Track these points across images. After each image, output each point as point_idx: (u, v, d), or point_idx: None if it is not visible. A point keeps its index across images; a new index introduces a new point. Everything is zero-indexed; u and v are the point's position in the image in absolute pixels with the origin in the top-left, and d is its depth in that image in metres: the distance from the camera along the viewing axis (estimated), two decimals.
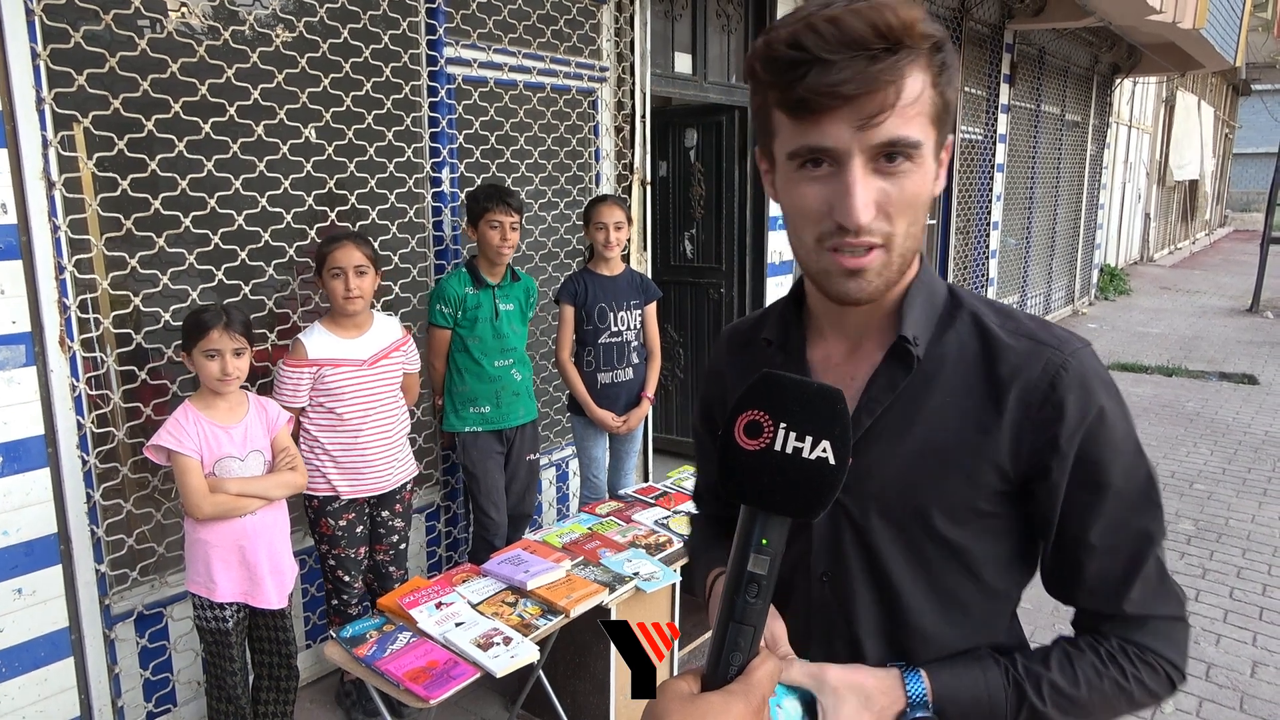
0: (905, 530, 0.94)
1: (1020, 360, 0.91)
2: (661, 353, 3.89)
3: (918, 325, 0.94)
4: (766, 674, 0.76)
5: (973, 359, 0.93)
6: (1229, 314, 11.75)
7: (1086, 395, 0.89)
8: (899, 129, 0.82)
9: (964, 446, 0.91)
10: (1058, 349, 0.91)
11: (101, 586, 2.59)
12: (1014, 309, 0.97)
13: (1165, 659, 0.93)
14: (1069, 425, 0.88)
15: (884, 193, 0.84)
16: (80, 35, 2.37)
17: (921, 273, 0.96)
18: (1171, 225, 20.27)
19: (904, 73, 0.81)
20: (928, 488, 0.92)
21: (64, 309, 2.43)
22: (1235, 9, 11.10)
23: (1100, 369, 0.92)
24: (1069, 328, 1.09)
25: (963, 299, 0.97)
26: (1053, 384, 0.89)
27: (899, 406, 0.94)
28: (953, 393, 0.92)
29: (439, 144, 3.42)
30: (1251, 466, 5.61)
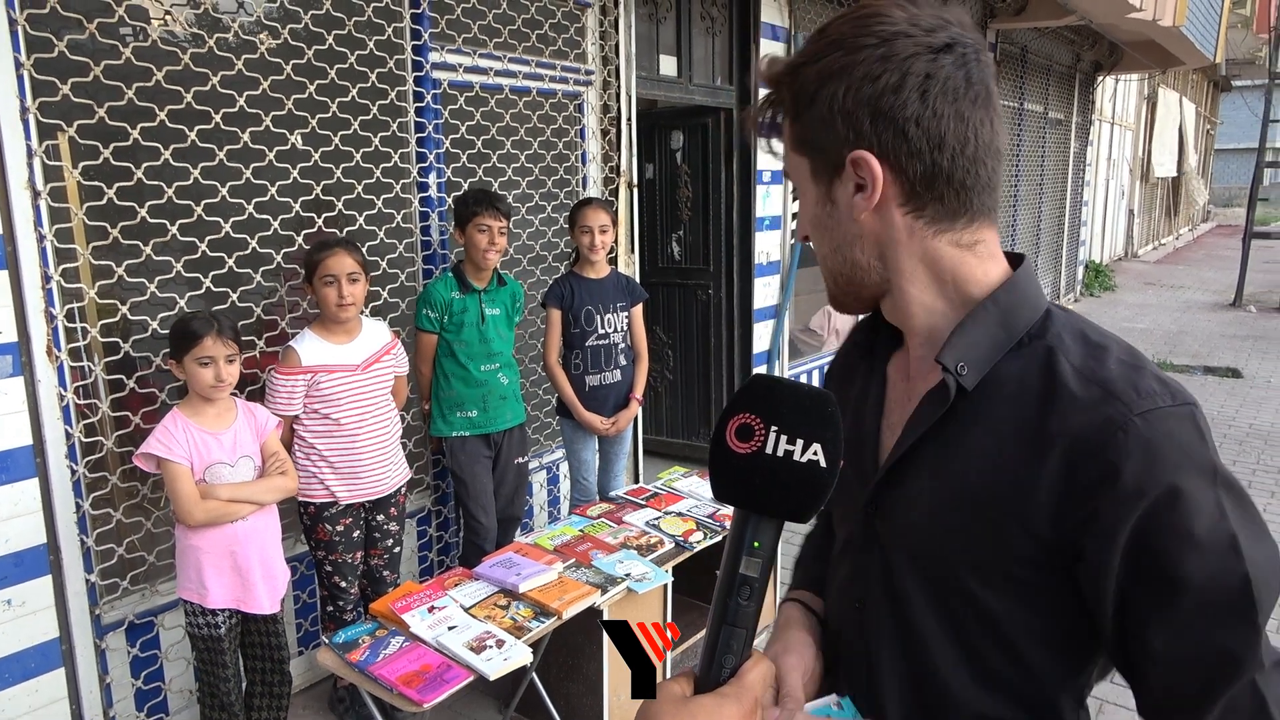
0: (931, 579, 0.86)
1: (1079, 411, 0.76)
2: (650, 354, 3.90)
3: (970, 351, 0.83)
4: (759, 676, 0.76)
5: (1030, 400, 0.80)
6: (1213, 308, 11.85)
7: (1152, 467, 0.72)
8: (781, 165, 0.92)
9: (997, 500, 0.79)
10: (1127, 404, 0.74)
11: (92, 596, 2.59)
12: (1115, 348, 0.81)
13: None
14: (1118, 500, 0.73)
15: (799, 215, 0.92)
16: (64, 44, 2.37)
17: (1000, 292, 0.84)
18: (1155, 221, 20.42)
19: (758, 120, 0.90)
20: (957, 539, 0.83)
21: (51, 318, 2.42)
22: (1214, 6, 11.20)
23: (1189, 438, 0.74)
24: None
25: (1051, 325, 0.84)
26: (1105, 445, 0.74)
27: (938, 440, 0.85)
28: (997, 435, 0.81)
29: (425, 149, 3.42)
30: (1236, 459, 5.66)
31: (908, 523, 0.88)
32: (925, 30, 0.80)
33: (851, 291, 0.90)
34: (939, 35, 0.80)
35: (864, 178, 0.83)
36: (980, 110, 0.82)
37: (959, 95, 0.80)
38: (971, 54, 0.81)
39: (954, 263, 0.85)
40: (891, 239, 0.85)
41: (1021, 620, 0.82)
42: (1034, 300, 0.86)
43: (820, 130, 0.84)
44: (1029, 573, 0.80)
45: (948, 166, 0.81)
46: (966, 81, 0.81)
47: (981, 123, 0.82)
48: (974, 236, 0.85)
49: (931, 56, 0.80)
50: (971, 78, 0.81)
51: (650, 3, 4.53)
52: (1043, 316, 0.85)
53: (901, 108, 0.80)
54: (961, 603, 0.84)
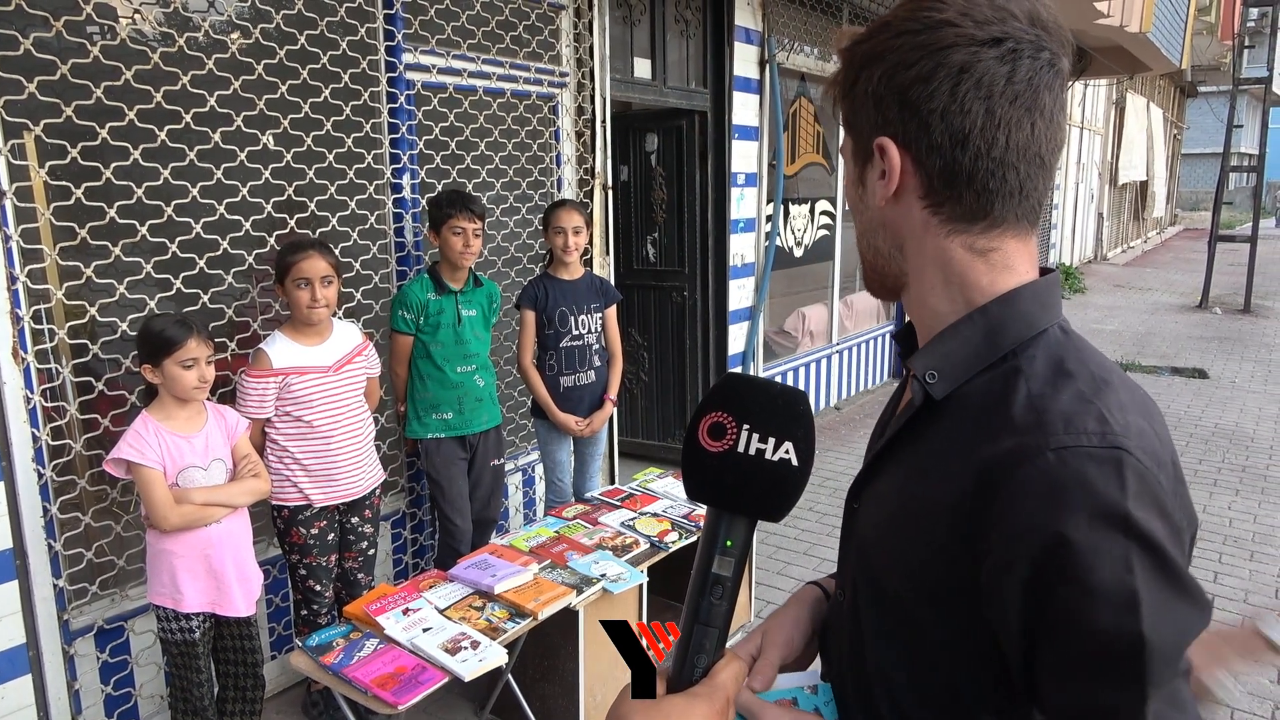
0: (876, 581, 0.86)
1: (1005, 437, 0.73)
2: (625, 356, 3.91)
3: (945, 361, 0.81)
4: (731, 676, 0.76)
5: (978, 419, 0.77)
6: (1180, 310, 12.03)
7: (1049, 507, 0.68)
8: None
9: (928, 512, 0.78)
10: (1046, 436, 0.71)
11: (60, 601, 2.55)
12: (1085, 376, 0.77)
13: None
14: (1009, 535, 0.70)
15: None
16: (30, 42, 2.34)
17: (995, 304, 0.81)
18: (1124, 224, 20.71)
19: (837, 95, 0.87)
20: (892, 540, 0.83)
21: (17, 320, 2.39)
22: (1180, 13, 11.38)
23: (1103, 484, 0.68)
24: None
25: (1033, 347, 0.80)
26: (1008, 476, 0.71)
27: (904, 446, 0.85)
28: (945, 449, 0.79)
29: (399, 150, 3.41)
30: (1202, 458, 5.76)
31: (866, 521, 0.88)
32: (976, 22, 0.76)
33: (875, 278, 0.89)
34: (990, 28, 0.76)
35: (885, 166, 0.81)
36: (1019, 110, 0.76)
37: (994, 92, 0.75)
38: (1026, 51, 0.76)
39: (962, 266, 0.81)
40: (909, 232, 0.83)
41: (943, 637, 0.79)
42: (1031, 318, 0.81)
43: (858, 112, 0.84)
44: (944, 591, 0.77)
45: (969, 166, 0.77)
46: (1008, 79, 0.76)
47: (1018, 123, 0.77)
48: (990, 243, 0.81)
49: (973, 49, 0.75)
50: (1015, 75, 0.76)
51: (625, 5, 4.54)
52: (1036, 335, 0.80)
53: (928, 99, 0.77)
54: (899, 609, 0.82)
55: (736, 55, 5.20)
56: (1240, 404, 7.10)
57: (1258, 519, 4.75)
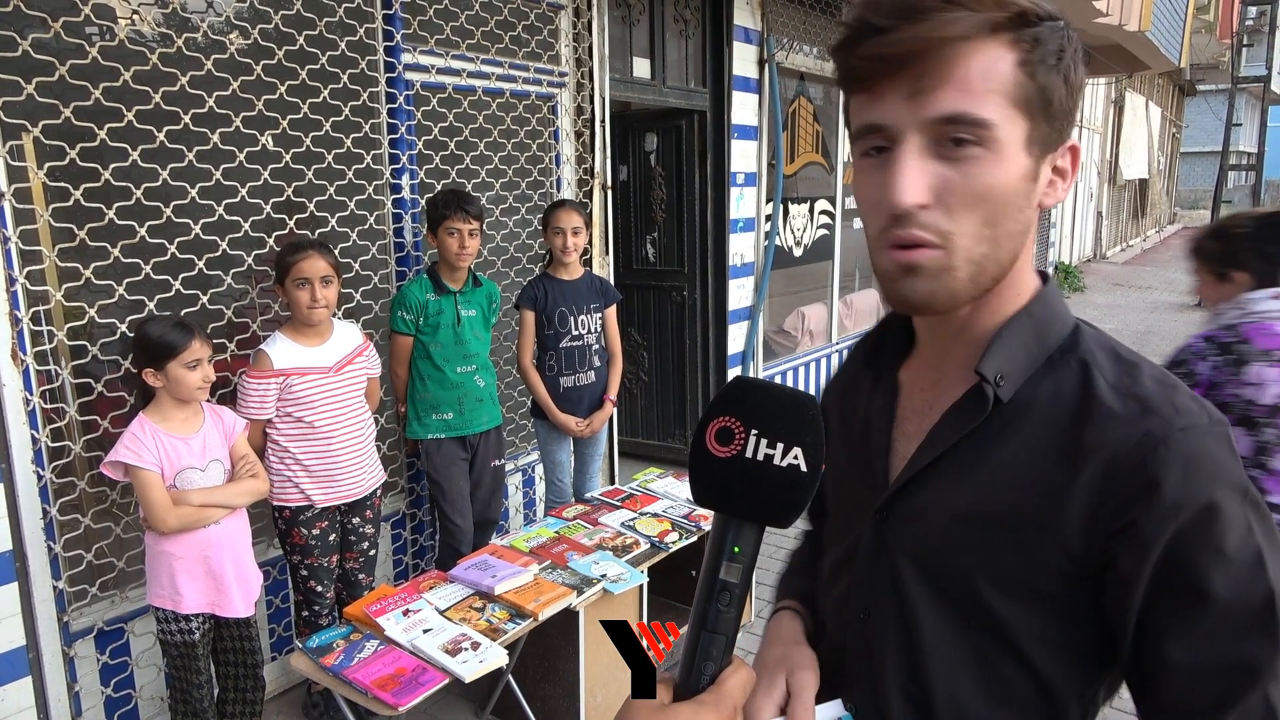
0: (944, 589, 0.84)
1: (1117, 426, 0.75)
2: (625, 356, 3.91)
3: (1008, 363, 0.81)
4: (738, 684, 0.74)
5: (1065, 414, 0.78)
6: (1179, 309, 12.04)
7: (1190, 482, 0.72)
8: (960, 103, 0.73)
9: (1027, 513, 0.78)
10: (1166, 419, 0.74)
11: (60, 603, 2.55)
12: (1146, 367, 0.80)
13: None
14: (1157, 512, 0.73)
15: (943, 179, 0.74)
16: (28, 43, 2.33)
17: (1034, 304, 0.83)
18: (1123, 223, 20.72)
19: (960, 34, 0.72)
20: (977, 550, 0.81)
21: (16, 321, 2.39)
22: (1179, 12, 11.39)
23: (1224, 456, 0.74)
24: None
25: (1082, 341, 0.82)
26: (1144, 460, 0.73)
27: (965, 451, 0.83)
28: (1030, 449, 0.79)
29: (398, 150, 3.41)
30: None
31: (923, 531, 0.85)
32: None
33: (984, 287, 0.80)
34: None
35: (1064, 167, 0.80)
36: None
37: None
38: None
39: (1024, 269, 0.83)
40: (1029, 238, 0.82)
41: (1037, 631, 0.80)
42: (1064, 315, 0.84)
43: (1061, 101, 0.77)
44: (1052, 584, 0.78)
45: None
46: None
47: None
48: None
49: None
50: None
51: (623, 5, 4.54)
52: (1072, 331, 0.83)
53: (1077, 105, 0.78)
54: (975, 613, 0.82)
55: (736, 55, 5.20)
56: None
57: None
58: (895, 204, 0.74)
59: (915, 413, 0.90)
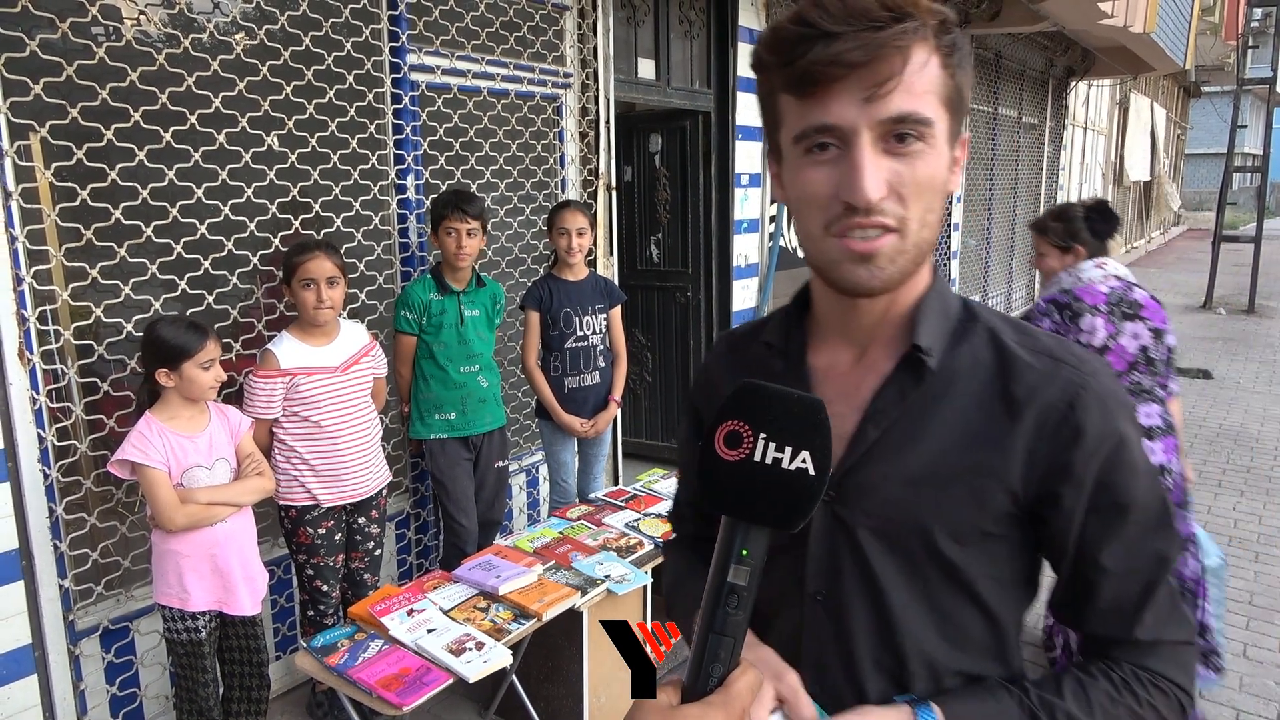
0: (905, 549, 0.91)
1: (1038, 379, 0.87)
2: (629, 357, 3.91)
3: (932, 335, 0.90)
4: (746, 685, 0.75)
5: (987, 375, 0.89)
6: (1184, 311, 12.01)
7: (1107, 418, 0.86)
8: (908, 103, 0.80)
9: (973, 466, 0.87)
10: (1077, 368, 0.87)
11: (65, 602, 2.56)
12: (1030, 325, 0.93)
13: (1176, 685, 0.89)
14: (1087, 449, 0.85)
15: (896, 173, 0.81)
16: (36, 44, 2.34)
17: (936, 283, 0.94)
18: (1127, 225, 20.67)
19: (910, 43, 0.79)
20: (932, 506, 0.89)
21: (23, 321, 2.39)
22: (1184, 13, 11.37)
23: (1119, 390, 0.89)
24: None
25: (978, 312, 0.94)
26: (1071, 405, 0.85)
27: (906, 420, 0.90)
28: (963, 409, 0.89)
29: (403, 151, 3.41)
30: (1207, 459, 5.75)
31: (879, 501, 0.90)
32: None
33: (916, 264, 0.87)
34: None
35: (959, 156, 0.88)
36: None
37: None
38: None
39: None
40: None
41: (987, 571, 0.90)
42: (951, 290, 0.96)
43: (963, 99, 0.86)
44: (999, 526, 0.89)
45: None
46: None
47: None
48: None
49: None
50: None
51: (628, 6, 4.54)
52: (963, 305, 0.95)
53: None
54: (934, 568, 0.90)
55: (740, 55, 5.20)
56: (1245, 405, 7.09)
57: (1263, 520, 4.74)
58: (864, 199, 0.80)
59: (841, 395, 0.94)
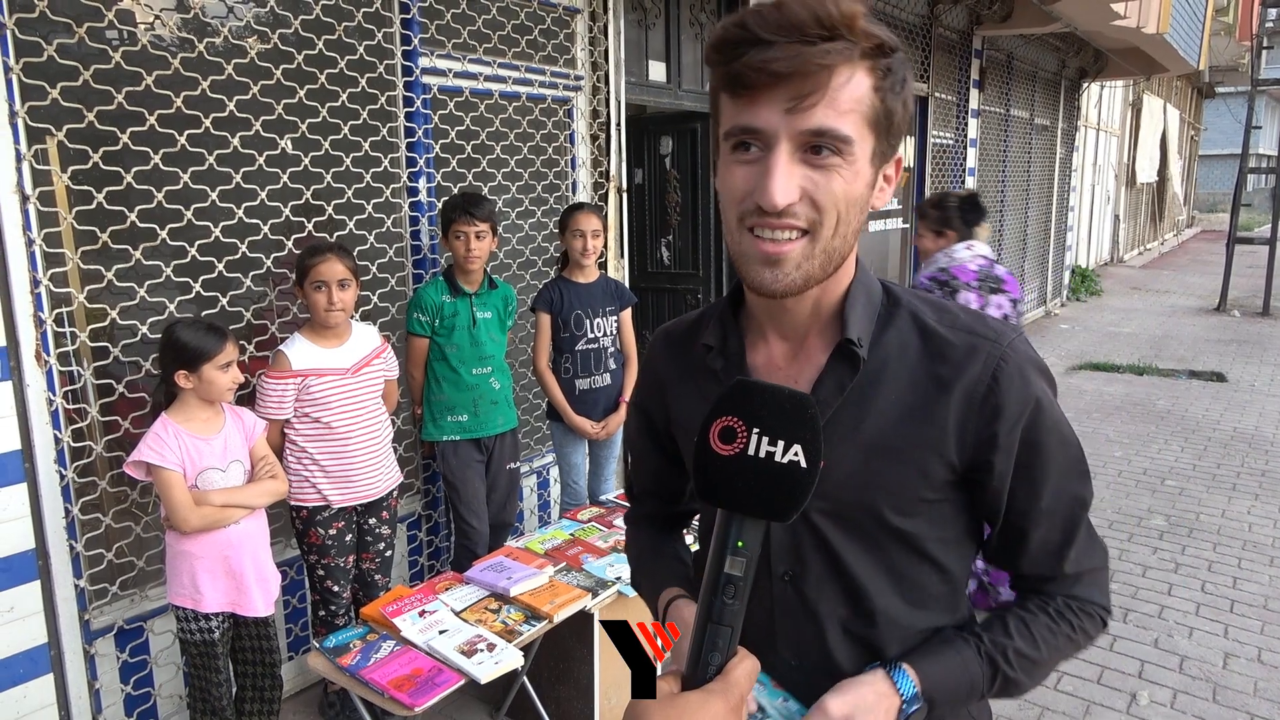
0: (859, 526, 0.97)
1: (960, 355, 0.94)
2: (639, 358, 3.91)
3: (861, 326, 0.95)
4: (744, 673, 0.78)
5: (915, 356, 0.95)
6: (1197, 313, 11.94)
7: (1025, 386, 0.93)
8: (828, 119, 0.83)
9: (911, 442, 0.94)
10: (995, 341, 0.94)
11: (81, 601, 2.58)
12: (948, 303, 1.00)
13: (1099, 605, 1.01)
14: (1010, 418, 0.92)
15: (810, 181, 0.85)
16: (53, 49, 2.36)
17: (860, 274, 0.98)
18: (1141, 226, 20.57)
19: (837, 62, 0.82)
20: (878, 484, 0.95)
21: (40, 323, 2.42)
22: (1198, 14, 11.31)
23: (1033, 354, 0.96)
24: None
25: (900, 297, 1.00)
26: (995, 378, 0.92)
27: (847, 407, 0.95)
28: (897, 390, 0.94)
29: (415, 154, 3.43)
30: (1221, 462, 5.71)
31: (830, 486, 0.94)
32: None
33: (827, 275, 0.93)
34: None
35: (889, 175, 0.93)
36: None
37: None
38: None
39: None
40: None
41: (934, 533, 0.98)
42: (874, 279, 1.01)
43: (897, 123, 0.89)
44: (940, 492, 0.96)
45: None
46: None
47: None
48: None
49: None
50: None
51: (639, 9, 4.55)
52: (885, 291, 1.00)
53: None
54: (888, 538, 0.97)
55: None
56: (1260, 408, 7.04)
57: (1277, 524, 4.71)
58: (771, 203, 0.84)
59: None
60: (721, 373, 1.03)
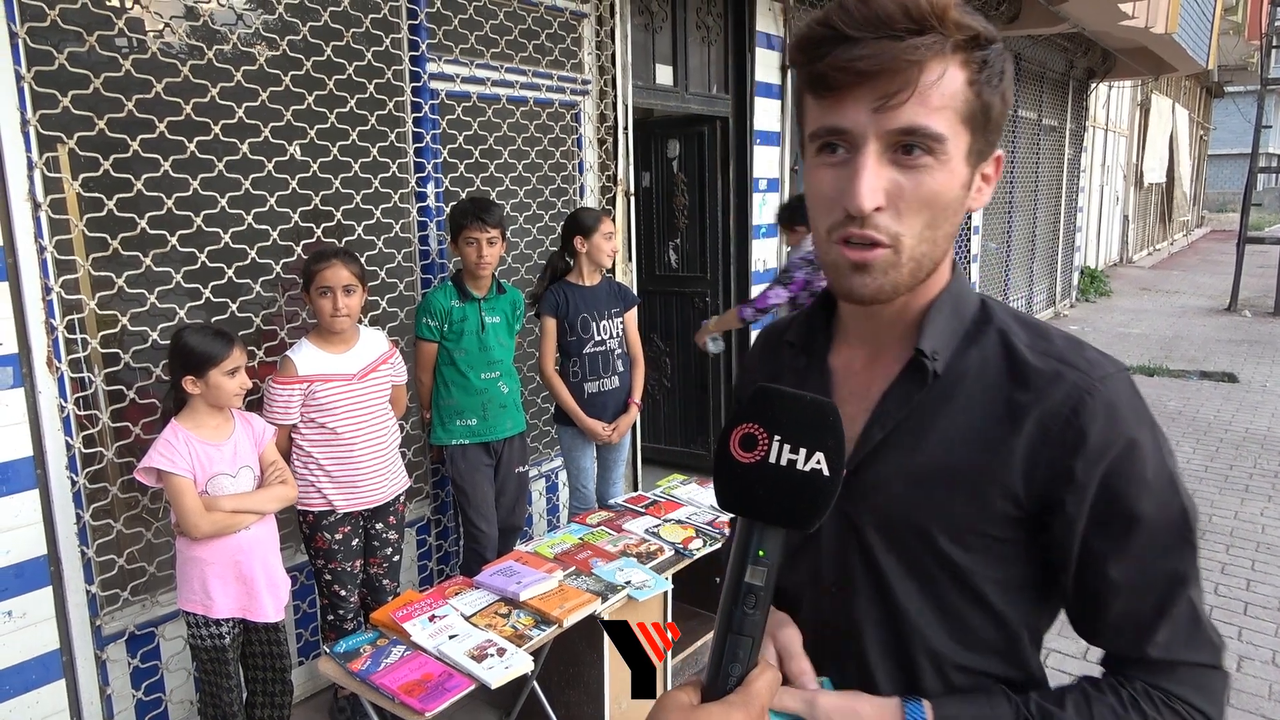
0: (907, 547, 0.91)
1: (1043, 383, 0.85)
2: (648, 362, 3.91)
3: (939, 339, 0.90)
4: (765, 685, 0.76)
5: (994, 378, 0.88)
6: (1208, 313, 11.89)
7: (1113, 424, 0.83)
8: (919, 116, 0.79)
9: (973, 468, 0.87)
10: (1086, 373, 0.85)
11: (92, 607, 2.59)
12: (1050, 328, 0.91)
13: (1194, 707, 0.85)
14: (1089, 456, 0.83)
15: (896, 184, 0.81)
16: (64, 57, 2.38)
17: (952, 284, 0.92)
18: (1150, 226, 20.49)
19: (928, 57, 0.78)
20: (932, 507, 0.89)
21: (51, 330, 2.43)
22: (1206, 13, 11.27)
23: (1134, 397, 0.86)
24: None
25: (994, 313, 0.92)
26: (1075, 410, 0.83)
27: (912, 422, 0.90)
28: (968, 412, 0.88)
29: (424, 159, 3.44)
30: (1233, 463, 5.68)
31: (883, 500, 0.91)
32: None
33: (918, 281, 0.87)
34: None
35: (988, 174, 0.88)
36: None
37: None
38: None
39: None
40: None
41: (991, 575, 0.89)
42: (971, 292, 0.94)
43: (995, 118, 0.85)
44: (1000, 529, 0.87)
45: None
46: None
47: None
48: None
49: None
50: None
51: (646, 13, 4.56)
52: (981, 305, 0.93)
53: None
54: (937, 566, 0.90)
55: (758, 61, 5.20)
56: (1272, 408, 7.00)
57: None
58: (857, 207, 0.80)
59: (854, 395, 0.95)
60: (804, 371, 1.00)
